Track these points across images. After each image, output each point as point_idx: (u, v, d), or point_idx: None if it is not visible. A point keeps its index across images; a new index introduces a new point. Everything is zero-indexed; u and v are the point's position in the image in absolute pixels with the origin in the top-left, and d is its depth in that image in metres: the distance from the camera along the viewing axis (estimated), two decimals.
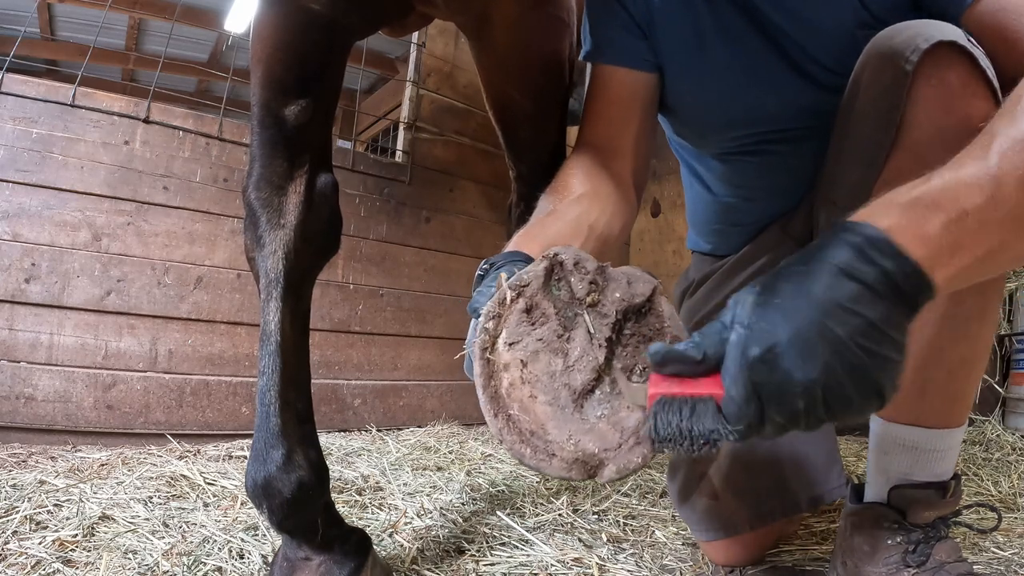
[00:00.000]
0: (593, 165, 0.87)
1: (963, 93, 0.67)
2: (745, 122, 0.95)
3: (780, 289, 0.45)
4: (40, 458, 1.56)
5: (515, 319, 0.49)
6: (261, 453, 0.76)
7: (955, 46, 0.66)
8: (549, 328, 0.50)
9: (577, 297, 0.50)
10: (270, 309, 0.79)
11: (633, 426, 0.47)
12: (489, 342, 0.49)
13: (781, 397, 0.43)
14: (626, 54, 0.94)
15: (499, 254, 0.67)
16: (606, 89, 0.94)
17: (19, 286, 1.77)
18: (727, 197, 1.07)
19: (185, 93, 3.96)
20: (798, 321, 0.43)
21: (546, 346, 0.49)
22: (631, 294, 0.51)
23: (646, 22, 0.94)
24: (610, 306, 0.50)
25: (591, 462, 0.46)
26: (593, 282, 0.51)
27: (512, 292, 0.50)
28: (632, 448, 0.46)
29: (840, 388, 0.43)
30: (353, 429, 2.24)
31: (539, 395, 0.48)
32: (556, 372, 0.48)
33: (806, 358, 0.42)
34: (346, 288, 2.32)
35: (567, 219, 0.77)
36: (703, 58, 0.92)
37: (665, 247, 3.43)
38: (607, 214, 0.81)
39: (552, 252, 0.52)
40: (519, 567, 0.94)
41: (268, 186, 0.82)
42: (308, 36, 0.83)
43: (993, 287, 0.76)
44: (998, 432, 1.83)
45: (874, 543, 0.76)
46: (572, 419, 0.47)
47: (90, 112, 1.91)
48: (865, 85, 0.76)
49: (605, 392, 0.49)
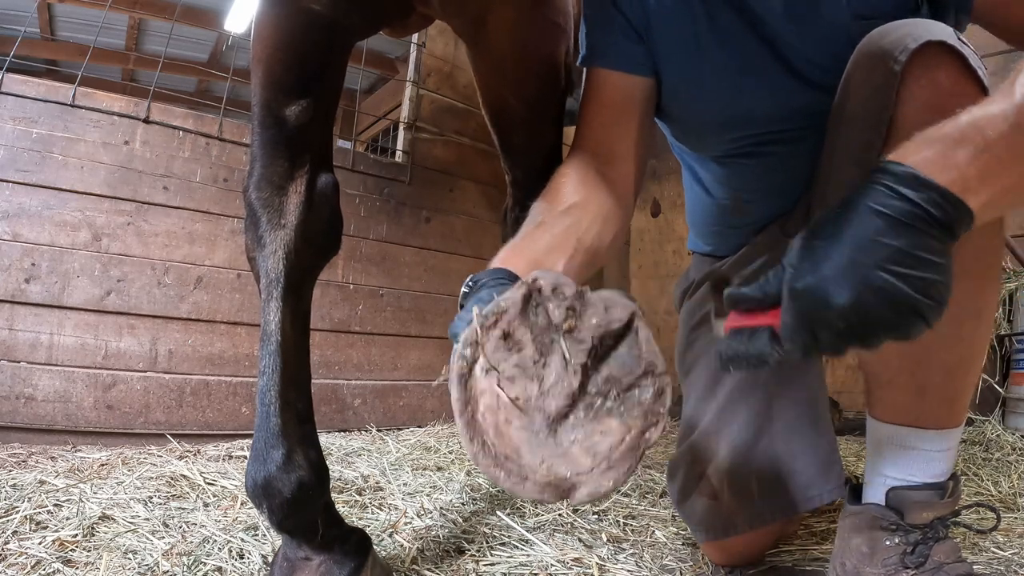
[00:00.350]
0: (587, 171, 0.87)
1: (953, 92, 0.67)
2: (741, 124, 0.95)
3: (821, 232, 0.52)
4: (40, 458, 1.56)
5: (492, 346, 0.50)
6: (261, 453, 0.76)
7: (945, 46, 0.67)
8: (525, 354, 0.50)
9: (554, 323, 0.51)
10: (271, 309, 0.79)
11: (605, 451, 0.48)
12: (466, 368, 0.50)
13: (825, 321, 0.50)
14: (622, 58, 0.94)
15: (484, 271, 0.68)
16: (601, 93, 0.94)
17: (19, 286, 1.77)
18: (725, 199, 1.08)
19: (185, 93, 3.96)
20: (835, 256, 0.50)
21: (522, 372, 0.50)
22: (608, 320, 0.51)
23: (643, 26, 0.94)
24: (586, 332, 0.50)
25: (563, 485, 0.47)
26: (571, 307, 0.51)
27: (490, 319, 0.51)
28: (604, 472, 0.48)
29: (876, 309, 0.49)
30: (353, 429, 2.24)
31: (514, 420, 0.49)
32: (531, 398, 0.49)
33: (841, 286, 0.49)
34: (346, 288, 2.32)
35: (555, 232, 0.77)
36: (699, 61, 0.92)
37: (665, 247, 3.43)
38: (598, 224, 0.81)
39: (532, 277, 0.52)
40: (519, 567, 0.94)
41: (269, 186, 0.82)
42: (309, 36, 0.83)
43: (991, 287, 0.76)
44: (998, 432, 1.83)
45: (873, 544, 0.76)
46: (546, 444, 0.48)
47: (90, 112, 1.91)
48: (856, 85, 0.76)
49: (579, 417, 0.50)
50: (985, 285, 0.74)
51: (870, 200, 0.50)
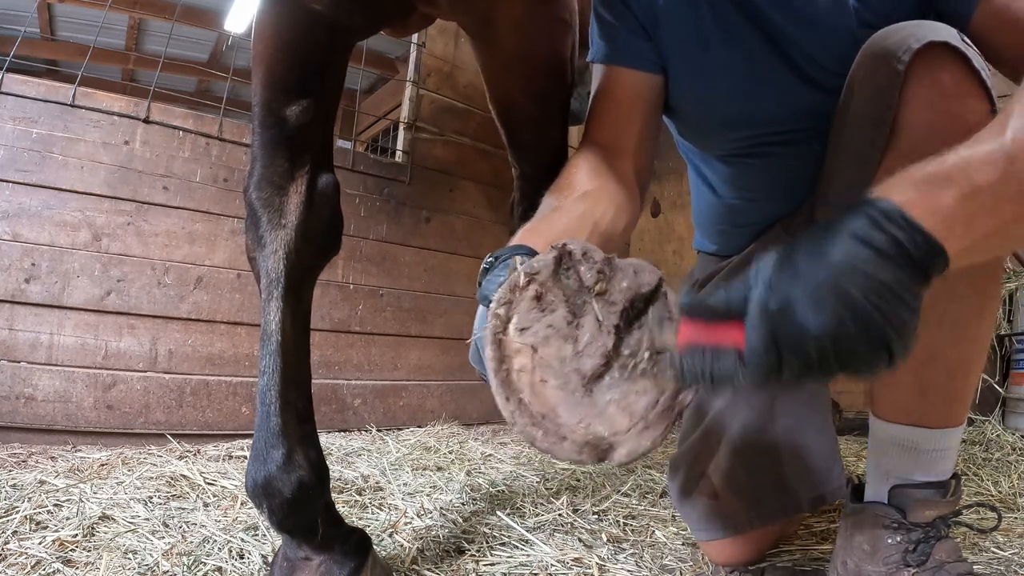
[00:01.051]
0: (598, 164, 0.88)
1: (956, 93, 0.67)
2: (745, 123, 0.96)
3: (800, 251, 0.49)
4: (40, 458, 1.56)
5: (526, 305, 0.51)
6: (261, 453, 0.76)
7: (948, 46, 0.67)
8: (559, 315, 0.51)
9: (586, 285, 0.52)
10: (271, 309, 0.79)
11: (642, 411, 0.49)
12: (501, 327, 0.50)
13: (796, 347, 0.46)
14: (631, 55, 0.94)
15: (504, 248, 0.68)
16: (612, 90, 0.95)
17: (19, 286, 1.77)
18: (731, 199, 1.08)
19: (185, 93, 3.96)
20: (814, 278, 0.47)
21: (556, 332, 0.50)
22: (638, 283, 0.52)
23: (651, 23, 0.94)
24: (617, 295, 0.51)
25: (601, 445, 0.47)
26: (601, 271, 0.52)
27: (524, 279, 0.51)
28: (642, 432, 0.48)
29: (850, 340, 0.46)
30: (353, 429, 2.24)
31: (550, 379, 0.49)
32: (566, 357, 0.50)
33: (819, 311, 0.46)
34: (346, 288, 2.32)
35: (572, 215, 0.78)
36: (705, 59, 0.93)
37: (665, 247, 3.43)
38: (611, 211, 0.82)
39: (561, 243, 0.53)
40: (519, 567, 0.94)
41: (269, 186, 0.82)
42: (310, 36, 0.83)
43: (992, 287, 0.76)
44: (998, 432, 1.83)
45: (874, 542, 0.76)
46: (582, 403, 0.49)
47: (90, 112, 1.91)
48: (859, 86, 0.76)
49: (614, 377, 0.50)
50: (987, 285, 0.74)
51: (856, 229, 0.48)
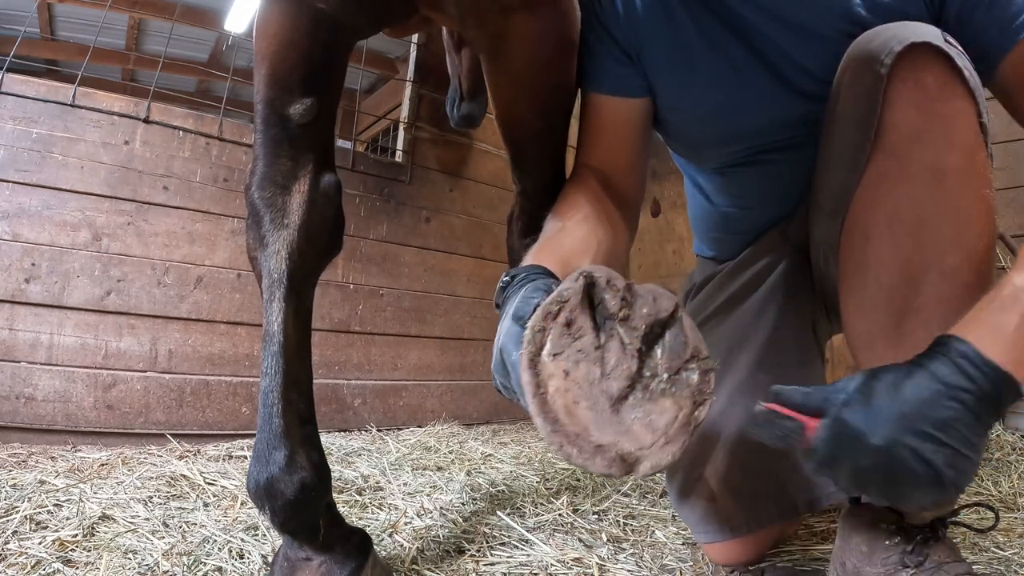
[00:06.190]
0: (595, 187, 0.92)
1: (940, 94, 0.67)
2: (736, 137, 0.96)
3: (884, 378, 0.55)
4: (40, 458, 1.56)
5: (557, 332, 0.55)
6: (263, 454, 0.76)
7: (930, 47, 0.66)
8: (587, 340, 0.56)
9: (611, 312, 0.56)
10: (273, 309, 0.79)
11: (663, 427, 0.53)
12: (535, 353, 0.55)
13: (854, 451, 0.54)
14: (614, 83, 0.96)
15: (520, 267, 0.71)
16: (598, 117, 0.98)
17: (19, 286, 1.77)
18: (725, 207, 1.09)
19: (185, 93, 3.96)
20: (888, 403, 0.53)
21: (585, 356, 0.55)
22: (656, 309, 0.56)
23: (634, 47, 0.95)
24: (639, 320, 0.56)
25: (629, 460, 0.52)
26: (624, 298, 0.57)
27: (554, 308, 0.56)
28: (663, 447, 0.53)
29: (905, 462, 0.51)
30: (353, 429, 2.24)
31: (581, 401, 0.54)
32: (595, 380, 0.54)
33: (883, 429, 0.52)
34: (346, 288, 2.32)
35: (577, 236, 0.81)
36: (692, 76, 0.93)
37: (665, 247, 3.43)
38: (611, 233, 0.85)
39: (586, 271, 0.57)
40: (519, 567, 0.94)
41: (272, 185, 0.82)
42: (313, 35, 0.83)
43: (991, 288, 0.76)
44: (998, 432, 1.83)
45: (872, 543, 0.76)
46: (611, 422, 0.54)
47: (90, 112, 1.91)
48: (844, 90, 0.76)
49: (638, 398, 0.55)
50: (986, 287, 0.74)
51: (935, 368, 0.53)
